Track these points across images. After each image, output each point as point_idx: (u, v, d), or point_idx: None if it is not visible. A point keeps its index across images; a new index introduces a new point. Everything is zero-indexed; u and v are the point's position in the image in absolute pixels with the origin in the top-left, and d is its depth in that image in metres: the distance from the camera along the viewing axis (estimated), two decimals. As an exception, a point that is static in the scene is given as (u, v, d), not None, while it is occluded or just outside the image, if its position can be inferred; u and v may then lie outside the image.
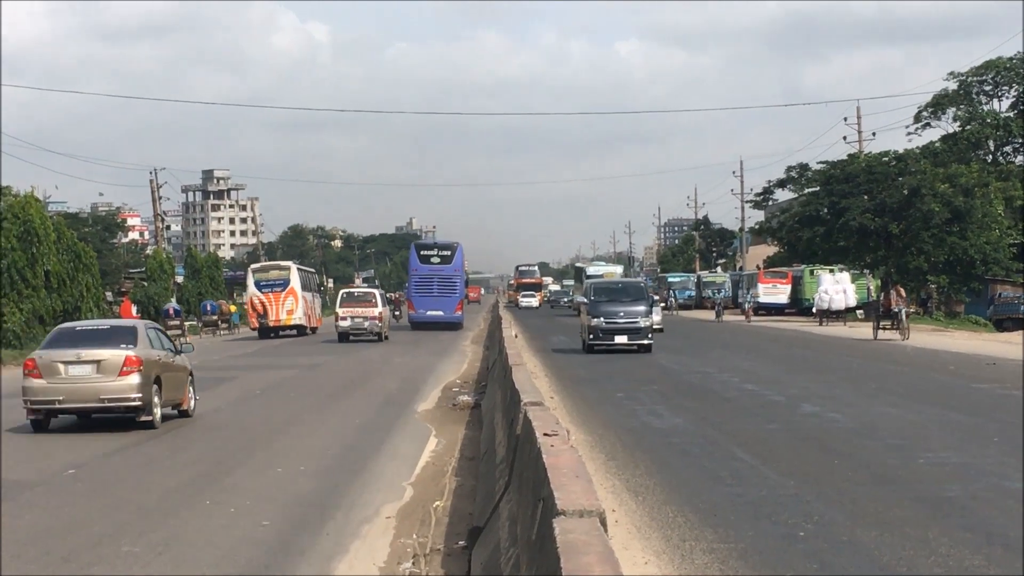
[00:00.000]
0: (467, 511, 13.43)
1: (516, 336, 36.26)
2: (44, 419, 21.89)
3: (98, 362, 21.46)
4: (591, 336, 38.73)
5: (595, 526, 5.99)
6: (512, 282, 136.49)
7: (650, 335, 38.68)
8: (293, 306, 64.58)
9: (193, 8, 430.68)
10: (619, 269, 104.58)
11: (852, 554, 10.75)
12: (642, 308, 38.95)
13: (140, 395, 21.34)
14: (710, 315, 75.04)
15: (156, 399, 21.92)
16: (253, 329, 63.56)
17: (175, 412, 23.61)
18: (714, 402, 24.27)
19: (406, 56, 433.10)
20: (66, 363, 21.47)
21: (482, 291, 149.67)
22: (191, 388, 24.75)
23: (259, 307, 64.61)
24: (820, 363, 35.52)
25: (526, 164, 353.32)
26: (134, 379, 21.30)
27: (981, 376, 29.11)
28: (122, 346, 21.86)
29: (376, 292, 63.72)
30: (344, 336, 55.96)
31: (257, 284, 66.00)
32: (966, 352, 37.96)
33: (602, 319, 38.53)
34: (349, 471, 17.08)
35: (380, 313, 55.95)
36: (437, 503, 14.39)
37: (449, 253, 71.85)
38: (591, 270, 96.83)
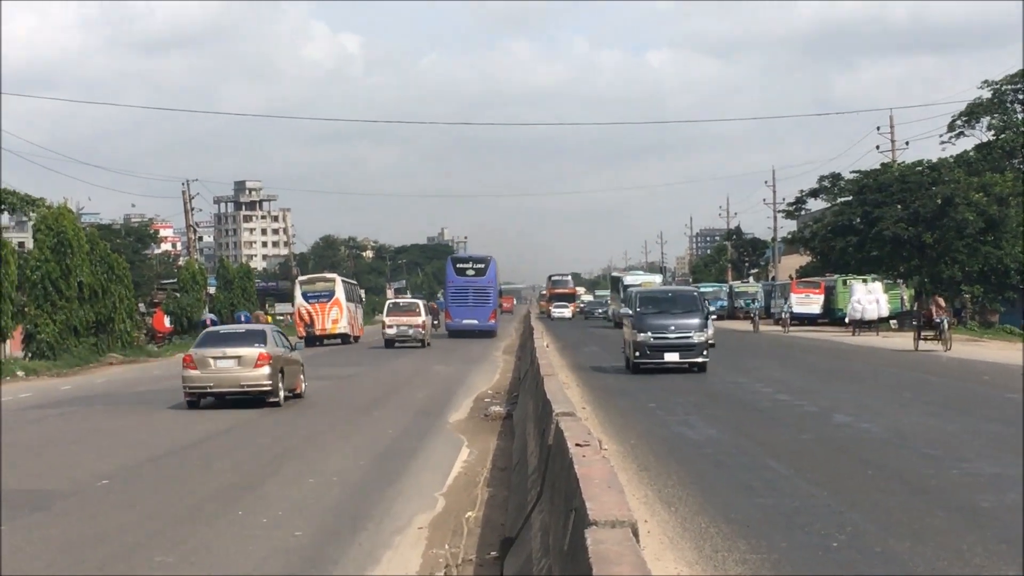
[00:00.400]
0: (499, 521, 13.44)
1: (547, 346, 36.24)
2: (196, 400, 28.56)
3: (239, 357, 28.10)
4: (637, 354, 33.57)
5: (627, 536, 6.00)
6: (544, 292, 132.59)
7: (705, 352, 33.50)
8: (338, 316, 68.16)
9: (226, 19, 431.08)
10: (658, 279, 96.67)
11: (885, 564, 10.73)
12: (696, 321, 33.89)
13: (270, 382, 27.96)
14: (743, 325, 74.72)
15: (280, 385, 28.52)
16: (300, 338, 64.35)
17: (294, 395, 30.24)
18: (748, 413, 24.23)
19: (438, 67, 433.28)
20: (215, 358, 28.22)
21: (514, 301, 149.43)
22: (303, 377, 31.59)
23: (306, 317, 68.09)
24: (855, 373, 35.42)
25: (557, 174, 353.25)
26: (265, 370, 27.86)
27: (1015, 386, 28.95)
28: (256, 345, 28.39)
29: (420, 303, 69.54)
30: (390, 343, 60.51)
31: (304, 295, 69.97)
32: (1001, 362, 37.78)
33: (650, 334, 33.20)
34: (382, 481, 17.12)
35: (423, 322, 60.07)
36: (469, 513, 14.39)
37: (483, 266, 76.92)
38: (628, 279, 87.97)
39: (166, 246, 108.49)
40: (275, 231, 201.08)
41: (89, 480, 17.36)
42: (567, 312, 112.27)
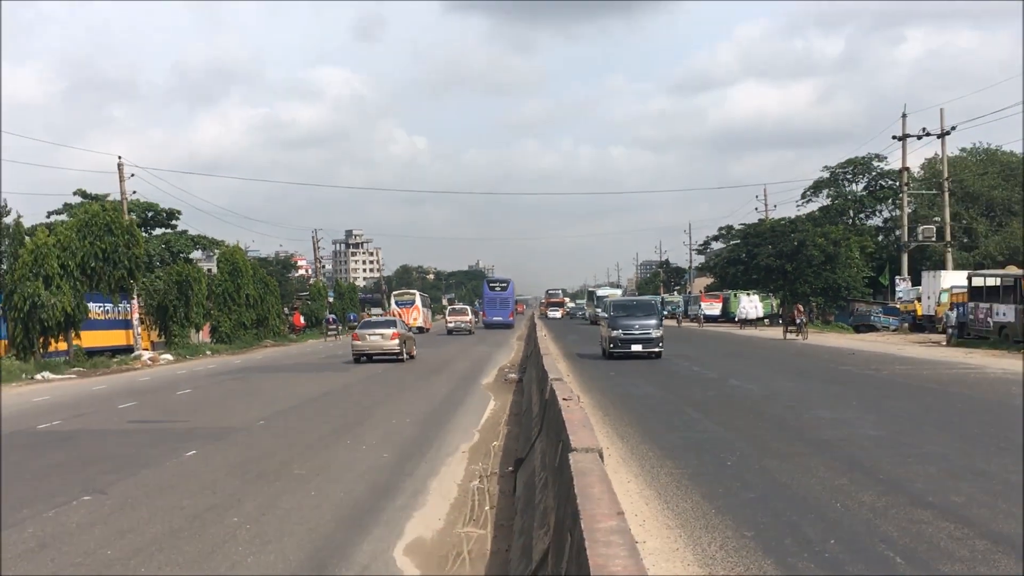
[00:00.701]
0: (514, 448, 13.46)
1: (544, 335, 36.34)
2: (358, 358, 34.09)
3: (382, 334, 34.19)
4: (611, 345, 32.01)
5: (595, 458, 6.04)
6: (543, 301, 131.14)
7: (660, 344, 31.74)
8: (416, 316, 71.27)
9: (341, 128, 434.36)
10: (619, 292, 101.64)
11: (761, 475, 10.74)
12: (654, 321, 32.30)
13: (399, 348, 33.95)
14: (670, 322, 74.68)
15: (404, 350, 34.32)
16: None
17: (410, 357, 35.32)
18: (672, 378, 24.18)
19: (476, 157, 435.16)
20: (369, 335, 34.33)
21: (525, 307, 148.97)
22: (415, 347, 37.49)
23: (396, 316, 66.99)
24: (743, 352, 35.38)
25: (552, 225, 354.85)
26: (396, 342, 33.86)
27: (846, 362, 28.91)
28: (391, 328, 34.73)
29: (468, 308, 78.20)
30: (450, 332, 65.05)
31: (396, 302, 75.01)
32: (836, 346, 37.79)
33: (620, 331, 31.80)
34: (439, 422, 17.14)
35: (471, 319, 64.48)
36: (495, 443, 14.42)
37: (505, 284, 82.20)
38: (600, 292, 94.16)
39: (301, 271, 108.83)
40: (370, 262, 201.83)
41: (252, 420, 17.43)
42: (558, 314, 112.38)
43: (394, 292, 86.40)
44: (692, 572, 7.14)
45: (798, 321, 45.14)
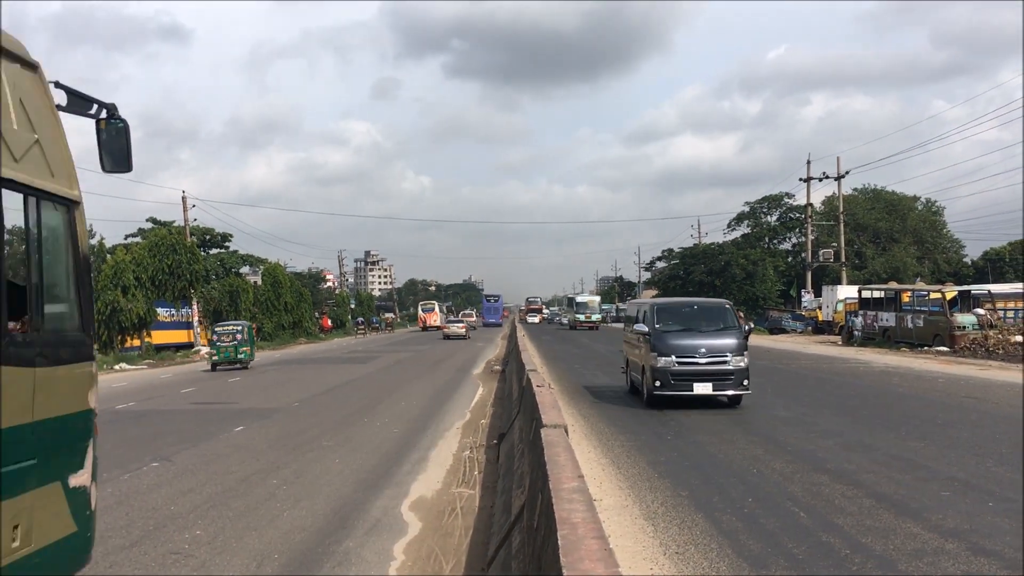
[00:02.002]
0: (498, 425, 13.45)
1: (523, 335, 36.17)
2: (447, 337, 41.66)
3: (459, 324, 46.86)
4: (657, 382, 14.47)
5: (562, 433, 6.04)
6: (524, 307, 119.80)
7: (745, 381, 14.51)
8: (436, 320, 75.68)
9: (363, 169, 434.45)
10: (597, 299, 74.05)
11: (695, 447, 10.77)
12: (732, 342, 14.88)
13: (466, 333, 46.39)
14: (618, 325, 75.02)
15: (469, 334, 44.10)
16: (422, 328, 75.50)
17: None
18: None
19: (470, 193, 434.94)
20: (450, 324, 45.20)
21: (509, 313, 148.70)
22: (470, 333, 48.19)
23: (422, 320, 78.15)
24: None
25: (532, 249, 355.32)
26: (465, 329, 44.86)
27: (762, 356, 29.00)
28: (463, 321, 44.79)
29: (473, 311, 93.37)
30: (446, 337, 62.23)
31: (423, 309, 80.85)
32: (756, 345, 37.87)
33: (674, 357, 14.45)
34: (439, 403, 17.12)
35: (464, 327, 62.20)
36: (483, 421, 14.39)
37: (497, 298, 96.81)
38: (579, 298, 72.21)
39: (328, 284, 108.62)
40: (384, 276, 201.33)
41: (289, 403, 17.37)
42: (536, 319, 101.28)
43: (421, 302, 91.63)
44: (639, 524, 7.15)
45: (746, 328, 43.04)
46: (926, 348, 29.86)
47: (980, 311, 30.79)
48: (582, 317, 65.17)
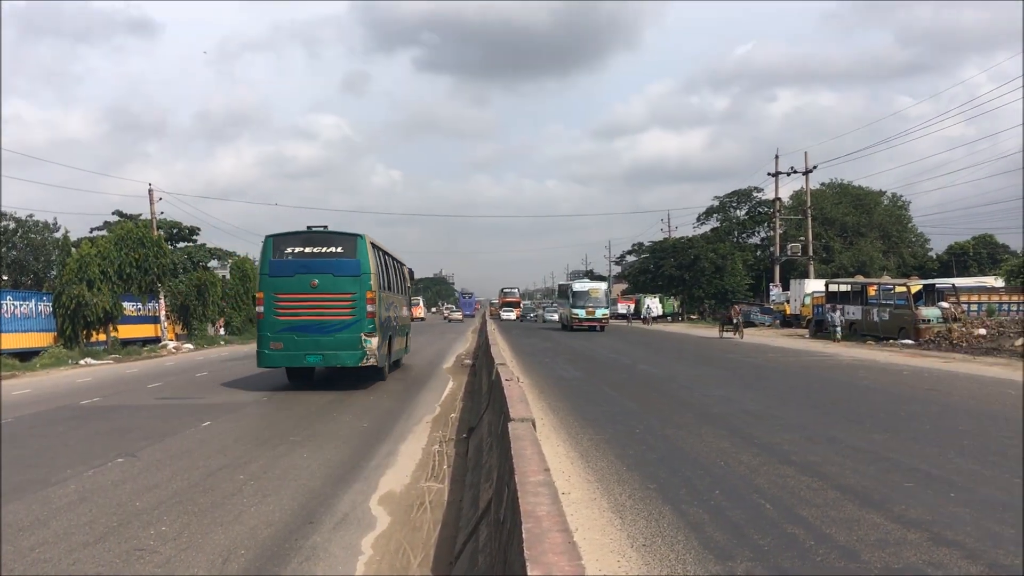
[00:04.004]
0: (467, 419, 13.43)
1: (493, 330, 36.12)
2: (449, 321, 56.01)
3: (455, 312, 73.67)
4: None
5: (529, 427, 6.04)
6: (497, 300, 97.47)
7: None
8: (420, 312, 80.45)
9: (332, 163, 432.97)
10: (603, 286, 53.11)
11: (663, 441, 10.81)
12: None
13: (462, 319, 52.05)
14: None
15: (464, 319, 49.17)
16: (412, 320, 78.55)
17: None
18: (594, 364, 24.31)
19: (440, 187, 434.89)
20: (451, 314, 70.83)
21: (480, 306, 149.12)
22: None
23: None
24: (648, 343, 35.63)
25: (502, 243, 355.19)
26: (461, 316, 68.58)
27: (728, 349, 29.23)
28: (459, 311, 56.16)
29: (453, 306, 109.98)
30: (449, 321, 77.30)
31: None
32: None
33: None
34: (408, 397, 17.04)
35: (461, 312, 74.80)
36: (452, 415, 14.36)
37: (471, 294, 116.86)
38: (578, 286, 51.51)
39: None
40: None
41: (258, 396, 17.22)
42: (512, 315, 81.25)
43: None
44: (607, 516, 7.17)
45: (735, 320, 39.83)
46: (892, 341, 30.26)
47: (944, 304, 31.28)
48: (582, 313, 48.87)
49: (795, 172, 52.25)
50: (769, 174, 53.89)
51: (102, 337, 34.81)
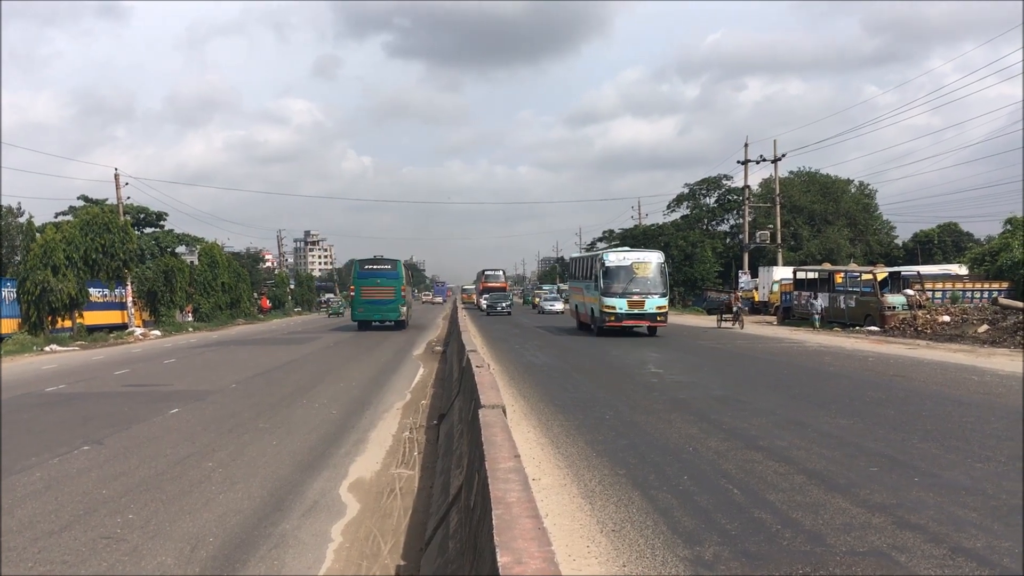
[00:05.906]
0: (438, 406, 13.43)
1: (464, 316, 36.15)
2: (429, 303, 50.97)
3: (434, 297, 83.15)
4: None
5: (500, 414, 6.04)
6: (478, 285, 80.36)
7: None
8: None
9: (304, 148, 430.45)
10: (657, 257, 30.59)
11: (633, 428, 10.87)
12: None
13: (442, 302, 51.05)
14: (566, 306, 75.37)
15: (443, 303, 47.14)
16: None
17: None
18: (564, 351, 24.36)
19: (412, 173, 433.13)
20: (428, 299, 78.54)
21: (451, 293, 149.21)
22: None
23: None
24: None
25: (473, 230, 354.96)
26: (442, 300, 76.77)
27: (701, 336, 29.42)
28: (441, 295, 60.65)
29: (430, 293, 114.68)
30: (431, 303, 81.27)
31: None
32: (692, 325, 38.41)
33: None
34: (378, 384, 17.02)
35: (442, 297, 74.11)
36: (423, 401, 14.37)
37: (444, 282, 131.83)
38: (610, 258, 29.82)
39: (267, 264, 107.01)
40: (324, 258, 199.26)
41: (225, 384, 17.10)
42: (497, 306, 57.40)
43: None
44: (576, 502, 7.20)
45: (735, 309, 36.81)
46: (858, 328, 30.62)
47: (909, 292, 31.68)
48: (622, 304, 29.58)
49: (764, 160, 52.60)
50: (739, 162, 54.16)
51: (68, 323, 34.33)
